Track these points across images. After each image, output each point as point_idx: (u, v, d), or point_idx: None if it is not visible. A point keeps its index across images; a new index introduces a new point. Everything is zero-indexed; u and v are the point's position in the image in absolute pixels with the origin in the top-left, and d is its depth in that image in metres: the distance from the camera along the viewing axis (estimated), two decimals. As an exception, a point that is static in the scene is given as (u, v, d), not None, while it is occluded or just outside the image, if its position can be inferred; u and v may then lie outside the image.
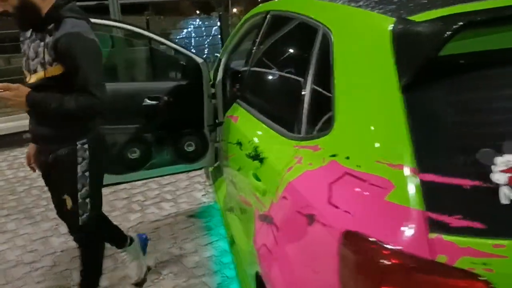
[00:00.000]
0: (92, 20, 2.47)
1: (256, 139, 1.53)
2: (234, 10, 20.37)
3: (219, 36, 6.77)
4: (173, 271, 2.46)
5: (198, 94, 2.82)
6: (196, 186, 3.65)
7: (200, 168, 3.20)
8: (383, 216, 0.83)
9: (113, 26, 2.62)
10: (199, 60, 2.74)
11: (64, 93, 1.73)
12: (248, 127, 1.70)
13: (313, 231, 0.98)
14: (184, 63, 2.91)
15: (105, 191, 3.39)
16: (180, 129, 2.83)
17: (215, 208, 3.22)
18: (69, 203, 1.94)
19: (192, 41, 10.30)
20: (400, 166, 0.83)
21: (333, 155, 1.03)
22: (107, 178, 2.76)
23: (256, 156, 1.46)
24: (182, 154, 2.86)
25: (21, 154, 4.64)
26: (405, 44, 0.92)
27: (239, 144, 1.70)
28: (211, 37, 8.91)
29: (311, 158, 1.13)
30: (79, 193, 1.91)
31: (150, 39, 2.68)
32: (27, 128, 4.71)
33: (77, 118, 1.82)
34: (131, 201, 3.41)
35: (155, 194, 3.53)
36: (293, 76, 1.48)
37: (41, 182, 3.94)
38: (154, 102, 2.73)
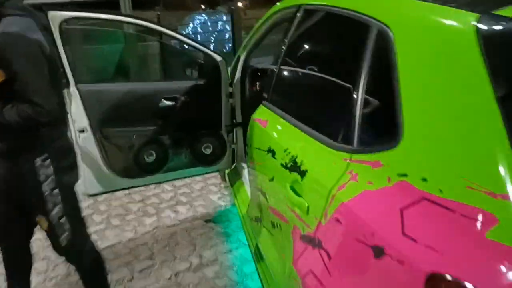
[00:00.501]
0: (112, 17, 2.34)
1: (293, 148, 1.38)
2: (239, 4, 20.15)
3: (228, 31, 6.60)
4: (194, 281, 2.33)
5: (216, 94, 2.68)
6: (211, 188, 3.51)
7: (217, 171, 3.06)
8: (484, 257, 0.67)
9: (130, 23, 2.47)
10: (218, 58, 2.59)
11: (7, 102, 1.49)
12: (282, 133, 1.55)
13: (382, 267, 0.83)
14: (202, 61, 2.76)
15: (119, 193, 3.29)
16: (198, 131, 2.69)
17: (233, 212, 3.09)
18: (44, 224, 1.71)
19: (199, 36, 10.15)
20: (505, 196, 0.68)
21: (403, 175, 0.88)
22: (123, 182, 2.65)
23: (295, 168, 1.31)
24: (199, 157, 2.72)
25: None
26: (499, 43, 0.76)
27: (271, 151, 1.55)
28: (217, 33, 8.75)
29: (371, 176, 0.97)
30: (51, 214, 1.67)
31: (169, 37, 2.51)
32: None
33: (30, 129, 1.57)
34: (146, 204, 3.28)
35: (170, 196, 3.39)
36: (338, 79, 1.32)
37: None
38: (171, 103, 2.59)
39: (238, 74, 2.77)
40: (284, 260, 1.46)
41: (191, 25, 10.96)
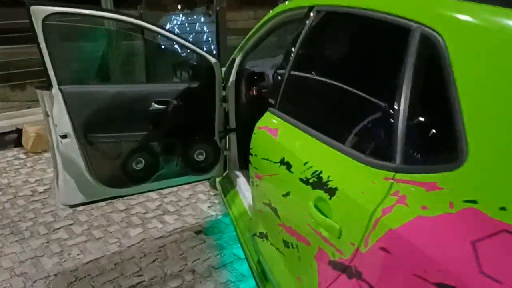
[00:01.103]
0: (102, 14, 2.16)
1: (316, 162, 1.25)
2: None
3: (206, 32, 6.41)
4: (187, 300, 2.17)
5: (209, 98, 2.53)
6: (200, 196, 3.34)
7: (208, 179, 2.90)
8: None
9: (122, 21, 2.29)
10: (212, 60, 2.45)
11: None
12: (300, 145, 1.41)
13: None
14: (194, 63, 2.61)
15: (100, 202, 3.09)
16: (190, 137, 2.53)
17: (225, 223, 2.94)
18: None
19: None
20: None
21: (471, 201, 0.76)
22: (108, 191, 2.46)
23: (320, 185, 1.18)
24: (191, 164, 2.56)
25: (2, 157, 4.24)
26: None
27: (286, 164, 1.42)
28: (194, 34, 8.54)
29: (425, 200, 0.85)
30: None
31: (162, 36, 2.35)
32: (9, 129, 4.31)
33: None
34: (130, 214, 3.09)
35: (156, 205, 3.20)
36: (372, 87, 1.20)
37: (27, 190, 3.60)
38: (162, 107, 2.42)
39: (232, 77, 2.63)
40: (301, 286, 1.33)
41: (168, 25, 10.71)
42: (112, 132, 2.33)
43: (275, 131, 1.61)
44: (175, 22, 11.26)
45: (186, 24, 10.36)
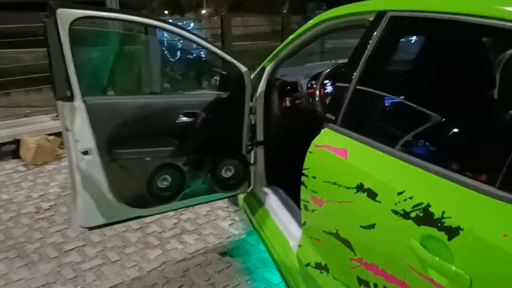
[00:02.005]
0: (134, 18, 1.97)
1: (418, 192, 1.07)
2: (203, 11, 19.89)
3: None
4: (224, 335, 1.97)
5: (238, 109, 2.35)
6: (219, 213, 3.14)
7: (233, 195, 2.70)
8: None
9: (154, 26, 2.10)
10: (243, 68, 2.27)
11: None
12: (387, 170, 1.23)
13: None
14: (223, 71, 2.42)
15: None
16: (218, 151, 2.34)
17: (250, 243, 2.74)
18: None
19: (164, 43, 9.70)
20: None
21: None
22: (131, 212, 2.25)
23: (429, 220, 1.00)
24: (219, 181, 2.37)
25: (1, 170, 3.97)
26: None
27: (367, 191, 1.24)
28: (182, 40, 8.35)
29: None
30: None
31: (194, 43, 2.16)
32: (7, 139, 4.05)
33: None
34: (145, 233, 2.86)
35: (172, 223, 2.99)
36: (488, 103, 1.03)
37: (31, 207, 3.34)
38: (190, 119, 2.23)
39: (262, 87, 2.45)
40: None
41: (157, 31, 10.44)
42: (137, 147, 2.14)
43: (342, 152, 1.43)
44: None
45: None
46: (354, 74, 1.49)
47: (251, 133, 2.48)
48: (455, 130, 1.13)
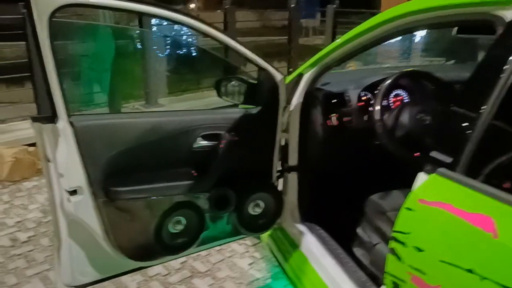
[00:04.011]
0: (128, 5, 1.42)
1: None
2: (192, 5, 19.27)
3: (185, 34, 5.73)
4: None
5: (270, 127, 1.84)
6: (235, 247, 2.60)
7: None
8: None
9: (153, 15, 1.57)
10: (278, 76, 1.76)
11: None
12: None
13: None
14: (250, 80, 1.89)
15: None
16: (246, 183, 1.81)
17: (277, 289, 2.23)
18: None
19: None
20: None
21: None
22: (133, 265, 1.73)
23: None
24: (246, 220, 1.85)
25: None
26: None
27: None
28: (173, 35, 7.75)
29: None
30: None
31: (212, 39, 1.62)
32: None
33: None
34: (147, 276, 2.32)
35: (179, 262, 2.44)
36: None
37: (5, 239, 2.74)
38: (210, 143, 1.70)
39: (298, 99, 1.92)
40: None
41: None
42: (142, 183, 1.60)
43: (483, 221, 0.91)
44: (152, 22, 10.37)
45: (164, 24, 9.45)
46: (490, 97, 0.98)
47: (281, 156, 1.97)
48: None
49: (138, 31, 4.30)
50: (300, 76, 1.94)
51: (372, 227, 1.74)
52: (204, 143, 1.70)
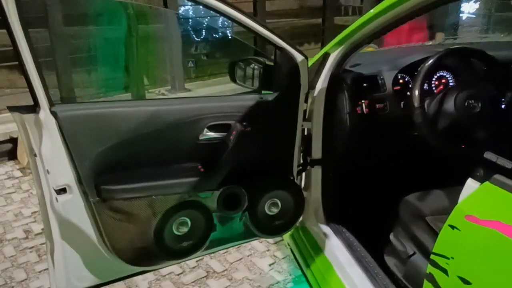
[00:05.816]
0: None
1: None
2: None
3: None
4: None
5: (290, 116, 1.61)
6: (255, 245, 2.40)
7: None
8: None
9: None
10: (299, 57, 1.52)
11: None
12: None
13: None
14: (267, 61, 1.65)
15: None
16: (261, 179, 1.60)
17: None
18: None
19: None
20: None
21: None
22: (132, 269, 1.57)
23: None
24: (261, 221, 1.63)
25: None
26: None
27: None
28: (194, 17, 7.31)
29: None
30: None
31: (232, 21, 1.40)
32: (2, 138, 3.39)
33: None
34: (160, 275, 2.16)
35: (195, 260, 2.27)
36: None
37: (19, 230, 2.66)
38: (219, 135, 1.49)
39: (323, 83, 1.67)
40: None
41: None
42: (141, 180, 1.42)
43: None
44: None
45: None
46: None
47: (303, 148, 1.73)
48: None
49: (162, 12, 4.12)
50: (326, 56, 1.68)
51: (407, 234, 1.49)
52: (212, 134, 1.48)
